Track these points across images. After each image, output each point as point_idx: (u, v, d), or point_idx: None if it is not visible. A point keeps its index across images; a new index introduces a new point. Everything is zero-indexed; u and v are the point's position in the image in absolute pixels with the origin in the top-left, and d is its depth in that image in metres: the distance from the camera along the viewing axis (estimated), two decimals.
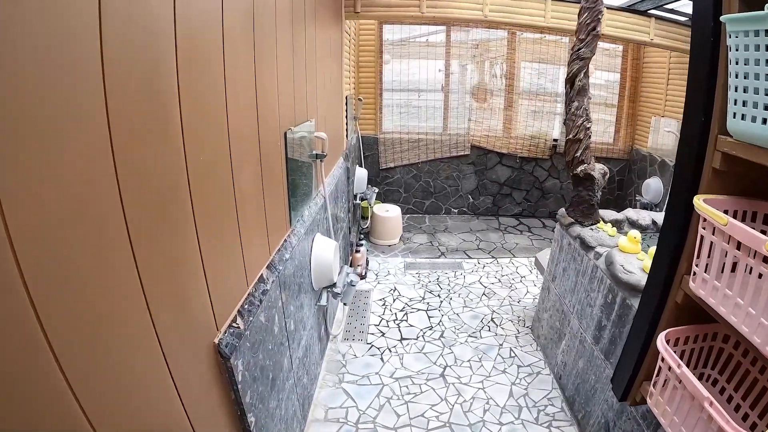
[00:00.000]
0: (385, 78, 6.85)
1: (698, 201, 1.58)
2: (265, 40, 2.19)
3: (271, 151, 2.32)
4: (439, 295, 5.19)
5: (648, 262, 2.99)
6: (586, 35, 3.67)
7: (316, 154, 3.27)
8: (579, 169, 3.82)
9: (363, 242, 5.29)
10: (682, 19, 5.79)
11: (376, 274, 5.54)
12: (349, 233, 5.34)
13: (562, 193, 8.10)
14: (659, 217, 4.53)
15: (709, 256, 1.59)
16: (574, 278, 3.77)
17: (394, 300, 5.03)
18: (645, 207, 6.89)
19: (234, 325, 1.84)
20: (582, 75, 3.80)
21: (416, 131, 7.11)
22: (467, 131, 7.26)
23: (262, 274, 2.23)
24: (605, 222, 4.05)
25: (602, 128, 7.86)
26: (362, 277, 5.33)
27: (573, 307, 3.75)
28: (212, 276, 1.63)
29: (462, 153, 7.33)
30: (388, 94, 6.98)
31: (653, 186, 6.80)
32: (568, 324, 3.82)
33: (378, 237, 6.33)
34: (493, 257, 6.35)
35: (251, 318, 1.97)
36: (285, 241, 2.64)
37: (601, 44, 7.09)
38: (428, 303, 5.02)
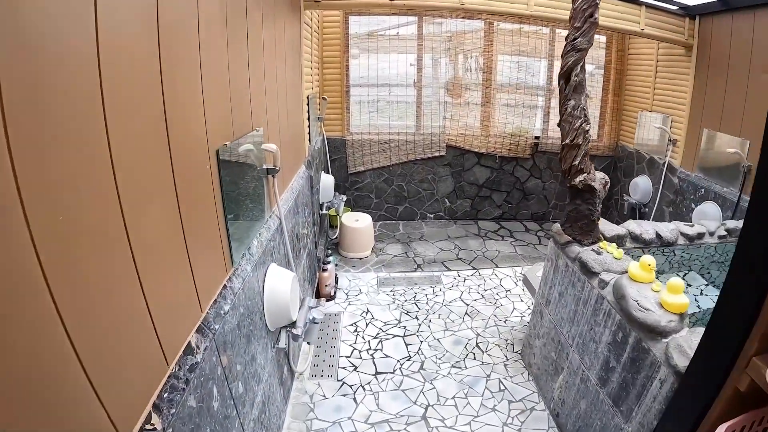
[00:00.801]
0: (352, 74, 6.30)
1: None
2: (182, 35, 1.65)
3: (196, 177, 1.80)
4: (416, 317, 4.73)
5: (667, 297, 2.57)
6: (583, 23, 3.22)
7: (267, 170, 2.74)
8: (578, 179, 3.37)
9: (331, 258, 4.75)
10: (673, 8, 5.55)
11: (346, 294, 5.04)
12: (315, 248, 4.81)
13: (545, 193, 7.79)
14: (664, 228, 4.14)
15: None
16: (573, 306, 3.36)
17: (367, 324, 4.54)
18: (633, 208, 6.54)
19: (148, 428, 1.34)
20: (579, 69, 3.35)
21: (387, 131, 6.60)
22: (442, 130, 6.80)
23: (189, 343, 1.72)
24: (608, 241, 3.60)
25: None
26: (331, 297, 4.81)
27: (572, 339, 3.34)
28: (101, 373, 1.13)
29: (437, 154, 6.87)
30: (356, 92, 6.45)
31: (642, 185, 6.47)
32: (566, 357, 3.41)
33: (348, 250, 5.81)
34: (474, 268, 5.92)
35: (175, 409, 1.47)
36: (224, 288, 2.10)
37: None
38: (405, 327, 4.55)
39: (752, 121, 5.25)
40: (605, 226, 3.75)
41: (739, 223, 4.63)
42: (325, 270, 4.68)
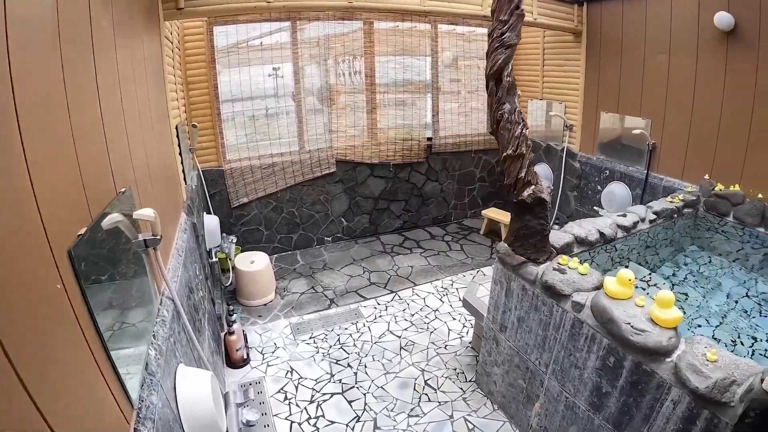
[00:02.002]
0: (222, 94, 5.80)
1: None
2: None
3: (39, 315, 1.14)
4: (348, 364, 4.50)
5: (659, 312, 2.59)
6: (509, 15, 3.10)
7: (145, 242, 2.13)
8: (526, 193, 3.30)
9: (235, 316, 4.28)
10: None
11: (261, 352, 4.65)
12: (213, 306, 4.36)
13: (444, 195, 7.96)
14: (603, 225, 4.24)
15: None
16: (541, 332, 3.36)
17: (297, 387, 4.21)
18: None
19: None
20: (509, 68, 3.23)
21: (269, 154, 6.25)
22: (329, 145, 6.60)
23: None
24: (558, 251, 3.56)
25: (475, 117, 7.82)
26: (244, 361, 4.39)
27: (546, 366, 3.36)
28: None
29: (327, 171, 6.65)
30: (229, 114, 5.98)
31: (541, 173, 6.69)
32: (540, 385, 3.41)
33: (248, 297, 5.39)
34: (391, 291, 5.84)
35: None
36: None
37: (459, 29, 6.84)
38: (340, 380, 4.30)
39: (652, 101, 5.63)
40: (552, 236, 3.72)
41: (664, 203, 4.85)
42: (231, 333, 4.23)
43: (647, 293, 4.24)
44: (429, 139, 7.40)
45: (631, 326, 2.58)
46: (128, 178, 2.19)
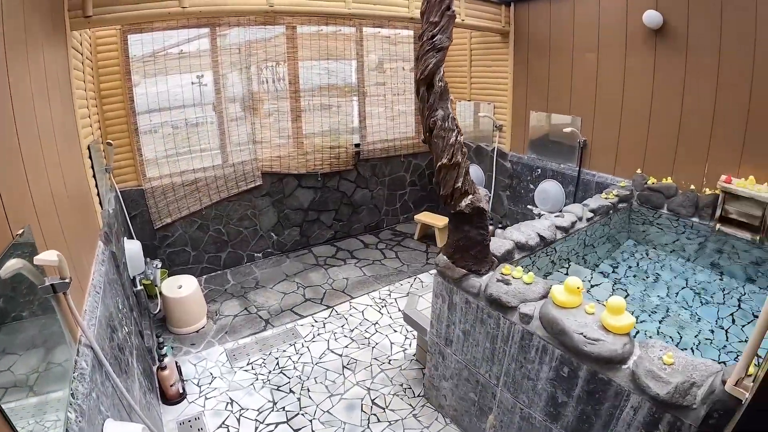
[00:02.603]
0: (138, 107, 5.50)
1: None
2: None
3: None
4: (291, 390, 4.36)
5: (611, 319, 2.62)
6: (440, 17, 3.04)
7: (52, 287, 1.93)
8: (464, 203, 3.26)
9: (166, 348, 4.05)
10: None
11: (197, 385, 4.42)
12: (142, 339, 4.15)
13: (374, 202, 7.93)
14: (541, 227, 4.28)
15: None
16: (489, 345, 3.35)
17: (239, 420, 4.04)
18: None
19: None
20: (441, 72, 3.18)
21: (191, 169, 5.99)
22: (254, 157, 6.42)
23: None
24: (499, 260, 3.56)
25: (402, 121, 7.84)
26: (181, 396, 4.18)
27: (497, 379, 3.35)
28: None
29: (252, 185, 6.47)
30: (146, 128, 5.66)
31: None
32: (492, 397, 3.40)
33: (178, 325, 5.14)
34: (327, 306, 5.72)
35: None
36: None
37: (384, 31, 6.83)
38: (284, 408, 4.15)
39: (581, 99, 5.79)
40: (492, 243, 3.71)
41: (599, 200, 4.96)
42: (164, 368, 4.01)
43: (592, 296, 4.32)
44: (357, 145, 7.36)
45: (584, 336, 2.58)
46: (26, 216, 1.96)
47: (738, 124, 4.54)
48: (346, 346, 4.93)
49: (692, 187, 4.91)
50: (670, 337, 3.92)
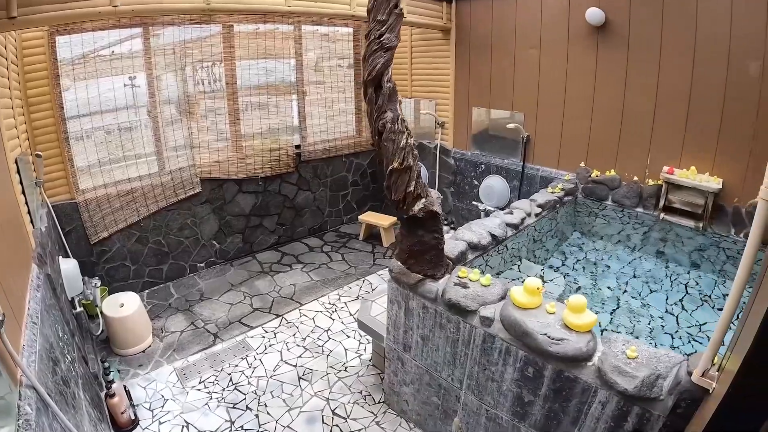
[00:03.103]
0: (68, 113, 5.22)
1: None
2: None
3: None
4: (248, 407, 4.27)
5: (573, 318, 2.69)
6: (388, 15, 3.02)
7: None
8: (417, 207, 3.23)
9: (113, 374, 3.91)
10: None
11: (149, 409, 4.27)
12: (87, 365, 4.00)
13: (317, 204, 7.90)
14: (492, 225, 4.36)
15: None
16: (450, 349, 3.40)
17: None
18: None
19: None
20: (389, 72, 3.14)
21: (126, 179, 5.80)
22: (191, 163, 6.26)
23: None
24: (453, 261, 3.60)
25: (343, 120, 7.83)
26: (133, 423, 4.05)
27: (460, 382, 3.40)
28: None
29: (191, 192, 6.32)
30: (77, 134, 5.35)
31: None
32: (456, 400, 3.46)
33: (123, 345, 4.96)
34: (277, 315, 5.65)
35: None
36: None
37: (323, 29, 6.82)
38: (243, 427, 4.06)
39: (524, 95, 5.96)
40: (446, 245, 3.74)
41: (546, 195, 5.09)
42: (112, 395, 3.88)
43: (547, 291, 4.43)
44: (297, 146, 7.31)
45: (548, 336, 2.66)
46: None
47: (679, 117, 4.77)
48: (300, 356, 4.89)
49: (635, 178, 5.12)
50: (624, 326, 4.08)
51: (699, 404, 2.18)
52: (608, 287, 4.69)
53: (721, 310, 4.19)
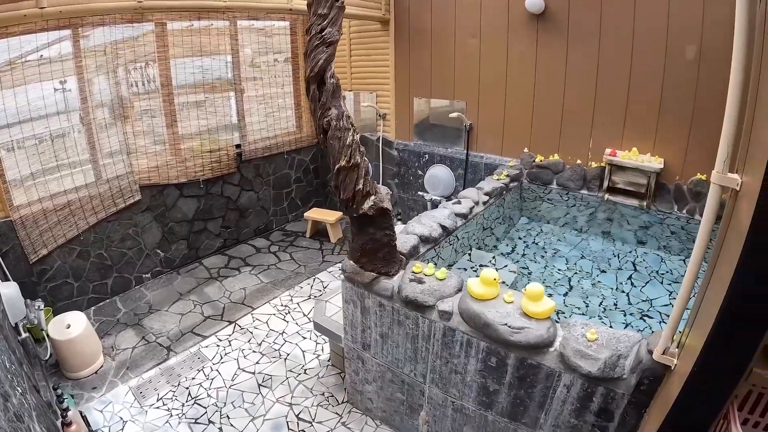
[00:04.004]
0: None
1: None
2: None
3: None
4: (210, 421, 4.20)
5: (532, 306, 2.76)
6: (329, 8, 2.95)
7: None
8: (366, 205, 3.24)
9: (67, 401, 3.76)
10: None
11: None
12: (39, 394, 3.85)
13: (261, 204, 7.81)
14: (442, 216, 4.41)
15: None
16: (410, 345, 3.43)
17: None
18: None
19: None
20: (332, 68, 3.09)
21: (62, 191, 5.57)
22: (129, 170, 6.07)
23: None
24: (405, 257, 3.63)
25: (283, 117, 7.74)
26: None
27: (423, 377, 3.45)
28: None
29: (131, 201, 6.14)
30: (7, 145, 5.12)
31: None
32: (421, 394, 3.51)
33: (74, 369, 4.77)
34: (230, 322, 5.58)
35: None
36: None
37: (259, 24, 6.75)
38: None
39: (466, 83, 6.06)
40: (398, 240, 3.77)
41: (492, 182, 5.18)
42: (69, 424, 3.74)
43: (503, 282, 4.52)
44: (238, 146, 7.20)
45: (509, 326, 2.73)
46: None
47: (619, 101, 4.95)
48: (258, 362, 4.85)
49: (579, 161, 5.27)
50: (577, 307, 4.20)
51: (661, 380, 2.28)
52: (559, 270, 4.82)
53: (669, 284, 4.40)
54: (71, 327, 4.73)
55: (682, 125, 4.72)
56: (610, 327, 3.45)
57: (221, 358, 4.96)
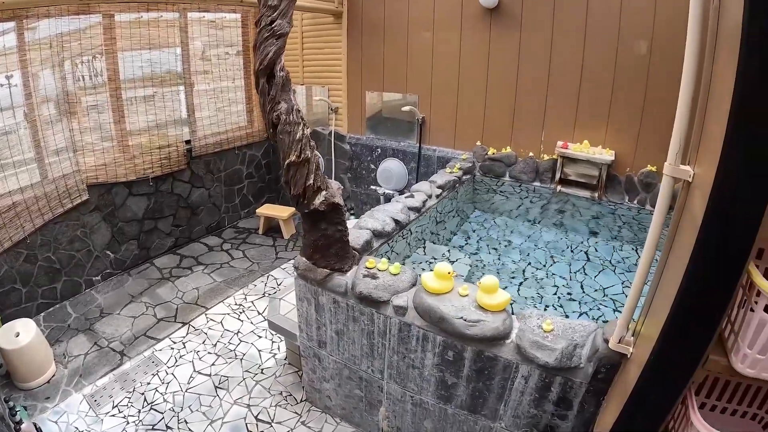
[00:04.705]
0: None
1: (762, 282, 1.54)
2: None
3: None
4: (168, 426, 4.05)
5: (487, 299, 2.76)
6: (279, 0, 2.86)
7: None
8: (318, 201, 3.16)
9: (18, 413, 3.61)
10: None
11: None
12: None
13: (213, 201, 7.66)
14: (395, 210, 4.40)
15: None
16: (366, 341, 3.40)
17: None
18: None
19: None
20: (281, 61, 2.99)
21: (6, 192, 5.25)
22: (76, 168, 5.85)
23: None
24: (358, 252, 3.61)
25: (234, 111, 7.61)
26: None
27: (381, 373, 3.42)
28: None
29: (79, 200, 5.93)
30: None
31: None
32: (380, 390, 3.49)
33: (26, 379, 4.54)
34: (183, 323, 5.45)
35: None
36: None
37: (209, 15, 6.62)
38: None
39: (418, 77, 6.08)
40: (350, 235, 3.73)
41: (445, 176, 5.20)
42: None
43: (458, 275, 4.53)
44: (188, 142, 7.02)
45: (464, 320, 2.72)
46: None
47: (571, 94, 5.04)
48: (213, 364, 4.75)
49: (531, 154, 5.33)
50: (532, 298, 4.23)
51: (618, 368, 2.32)
52: (513, 261, 4.86)
53: (621, 273, 4.48)
54: (20, 335, 4.52)
55: (633, 118, 4.84)
56: (566, 317, 3.52)
57: (176, 361, 4.84)
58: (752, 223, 1.47)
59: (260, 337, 5.10)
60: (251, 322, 5.36)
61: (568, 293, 4.31)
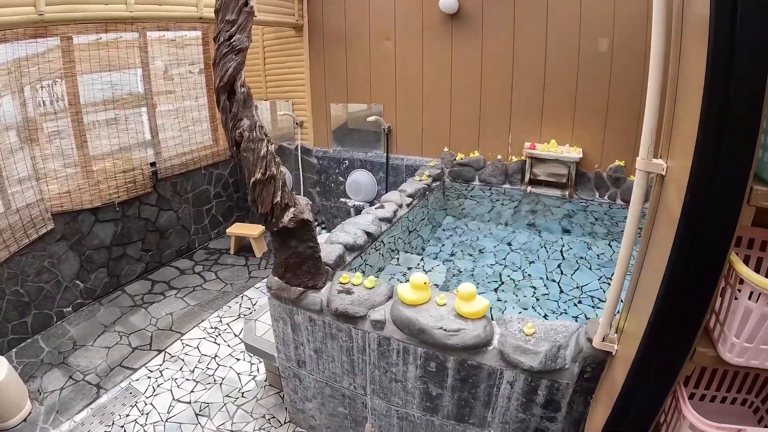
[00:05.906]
0: None
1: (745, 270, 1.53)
2: None
3: None
4: None
5: (465, 306, 2.74)
6: (237, 14, 2.75)
7: None
8: (286, 218, 3.07)
9: None
10: None
11: None
12: None
13: (182, 223, 7.50)
14: (366, 222, 4.37)
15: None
16: (346, 358, 3.32)
17: None
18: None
19: None
20: (242, 76, 2.92)
21: None
22: (40, 197, 5.68)
23: None
24: (332, 267, 3.54)
25: (199, 130, 7.48)
26: None
27: (363, 389, 3.35)
28: None
29: (44, 230, 5.75)
30: None
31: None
32: (364, 406, 3.42)
33: (0, 419, 4.40)
34: (159, 351, 5.30)
35: None
36: None
37: (170, 34, 6.54)
38: None
39: (382, 86, 6.07)
40: (323, 250, 3.66)
41: (414, 184, 5.18)
42: None
43: (432, 282, 4.49)
44: (153, 164, 6.87)
45: (444, 330, 2.67)
46: None
47: (535, 95, 5.07)
48: (192, 391, 4.61)
49: (499, 156, 5.33)
50: (510, 301, 4.21)
51: (604, 366, 2.29)
52: (489, 266, 4.84)
53: (597, 269, 4.49)
54: None
55: (598, 115, 4.89)
56: (545, 317, 3.49)
57: (154, 390, 4.69)
58: (731, 213, 1.45)
59: (238, 359, 4.98)
60: (228, 345, 5.24)
61: (546, 294, 4.30)
